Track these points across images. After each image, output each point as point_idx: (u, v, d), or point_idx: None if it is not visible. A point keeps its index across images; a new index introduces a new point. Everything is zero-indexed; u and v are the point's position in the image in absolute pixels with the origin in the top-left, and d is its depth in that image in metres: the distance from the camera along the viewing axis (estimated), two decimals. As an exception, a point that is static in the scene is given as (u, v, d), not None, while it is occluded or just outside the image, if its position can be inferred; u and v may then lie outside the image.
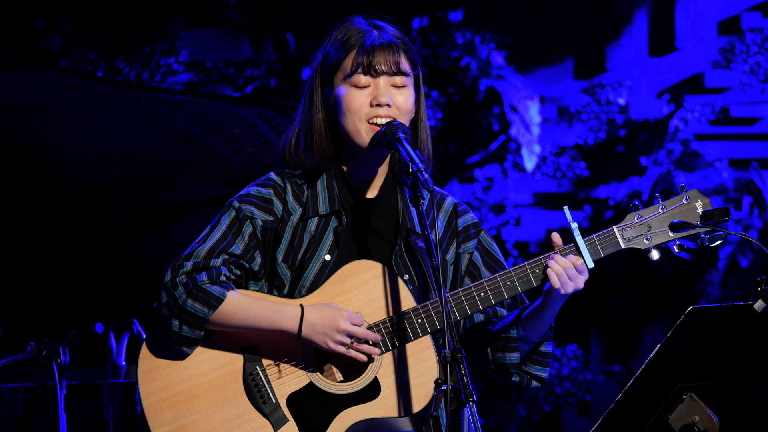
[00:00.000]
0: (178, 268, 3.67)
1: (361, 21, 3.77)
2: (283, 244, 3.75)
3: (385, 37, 3.70)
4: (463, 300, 3.67)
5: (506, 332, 3.77)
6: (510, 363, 3.78)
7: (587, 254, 3.66)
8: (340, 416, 3.64)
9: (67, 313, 6.37)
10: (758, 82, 9.60)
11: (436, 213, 3.79)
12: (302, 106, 3.79)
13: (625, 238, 3.70)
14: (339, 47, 3.71)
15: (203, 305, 3.62)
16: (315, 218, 3.76)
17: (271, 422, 3.65)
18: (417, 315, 3.66)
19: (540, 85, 9.68)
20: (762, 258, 9.46)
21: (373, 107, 3.67)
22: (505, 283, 3.68)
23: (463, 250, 3.85)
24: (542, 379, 3.82)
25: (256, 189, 3.79)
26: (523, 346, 3.77)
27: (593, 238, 3.70)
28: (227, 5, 9.31)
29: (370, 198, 3.80)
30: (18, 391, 5.25)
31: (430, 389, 3.61)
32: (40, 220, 6.37)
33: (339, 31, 3.75)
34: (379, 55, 3.67)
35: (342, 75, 3.70)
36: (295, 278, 3.74)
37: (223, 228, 3.73)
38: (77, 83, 6.02)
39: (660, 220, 3.71)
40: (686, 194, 3.72)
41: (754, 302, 3.44)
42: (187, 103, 6.29)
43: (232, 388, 3.69)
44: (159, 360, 3.71)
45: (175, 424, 3.67)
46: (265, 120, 6.31)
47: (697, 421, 3.45)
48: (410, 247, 3.76)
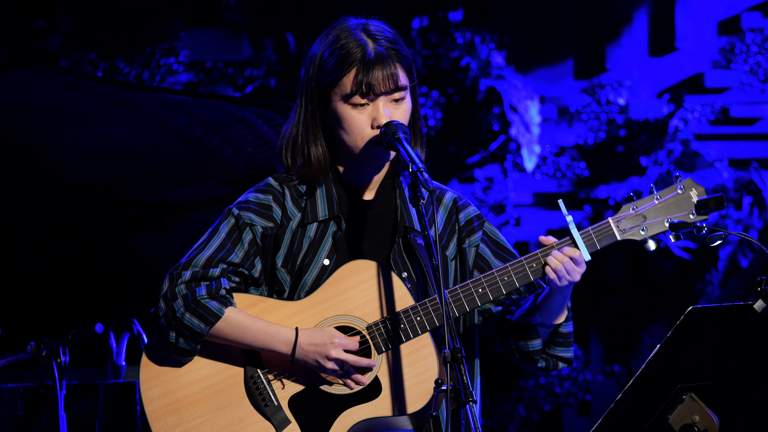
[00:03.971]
0: (177, 277, 3.67)
1: (355, 27, 3.74)
2: (282, 249, 3.75)
3: (381, 52, 3.68)
4: (461, 297, 3.67)
5: (525, 320, 3.77)
6: (533, 350, 3.79)
7: (583, 247, 3.66)
8: (341, 416, 3.65)
9: (67, 313, 6.37)
10: (758, 82, 9.60)
11: (435, 209, 3.80)
12: (298, 112, 3.78)
13: (620, 230, 3.69)
14: (336, 64, 3.69)
15: (200, 321, 3.63)
16: (314, 223, 3.76)
17: (273, 424, 3.65)
18: (416, 313, 3.66)
19: (540, 85, 9.68)
20: (762, 258, 9.46)
21: (373, 129, 3.68)
22: (503, 278, 3.68)
23: (468, 245, 3.85)
24: (568, 360, 3.83)
25: (254, 195, 3.79)
26: (543, 331, 3.77)
27: (589, 230, 3.69)
28: (227, 5, 9.31)
29: (367, 200, 3.81)
30: (18, 391, 5.25)
31: (431, 387, 3.62)
32: (40, 220, 6.37)
33: (334, 37, 3.74)
34: (377, 72, 3.66)
35: (340, 93, 3.70)
36: (294, 283, 3.75)
37: (222, 236, 3.73)
38: (77, 83, 6.02)
39: (655, 210, 3.70)
40: (681, 183, 3.70)
41: (754, 302, 3.44)
42: (187, 103, 6.28)
43: (234, 391, 3.69)
44: (160, 366, 3.72)
45: (178, 430, 3.68)
46: (265, 120, 6.31)
47: (697, 421, 3.45)
48: (409, 245, 3.76)
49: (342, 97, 3.69)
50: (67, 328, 5.15)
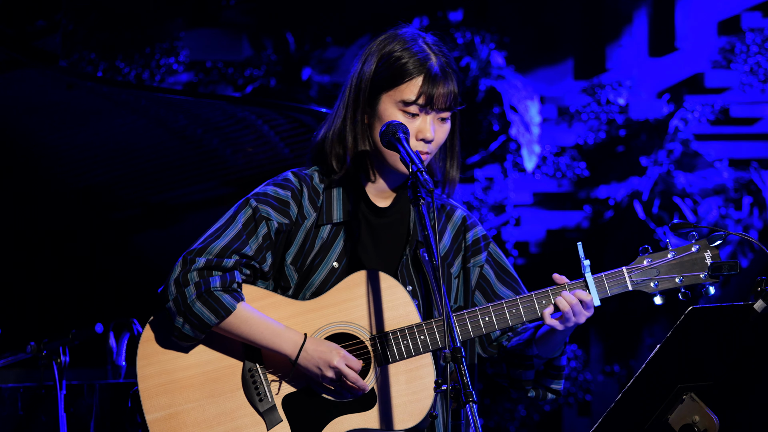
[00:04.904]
0: (190, 263, 3.65)
1: (417, 37, 3.73)
2: (294, 246, 3.75)
3: (445, 69, 3.69)
4: (467, 322, 3.68)
5: (521, 350, 3.80)
6: (526, 380, 3.83)
7: (595, 292, 3.69)
8: (333, 423, 3.65)
9: (67, 313, 6.37)
10: (758, 82, 9.60)
11: (444, 224, 3.82)
12: (346, 110, 3.74)
13: (633, 281, 3.75)
14: (400, 67, 3.67)
15: (211, 312, 3.62)
16: (328, 225, 3.76)
17: (264, 421, 3.65)
18: (420, 332, 3.66)
19: (540, 85, 9.68)
20: (762, 258, 9.46)
21: (417, 140, 3.68)
22: (511, 310, 3.70)
23: (473, 264, 3.86)
24: (557, 391, 3.86)
25: (273, 189, 3.77)
26: (537, 362, 3.80)
27: (602, 276, 3.73)
28: (227, 5, 9.31)
29: (383, 207, 3.80)
30: (18, 391, 5.25)
31: (425, 407, 3.63)
32: (40, 220, 6.37)
33: (396, 42, 3.71)
34: (440, 87, 3.67)
35: (397, 97, 3.67)
36: (300, 281, 3.74)
37: (239, 226, 3.71)
38: (77, 83, 6.02)
39: (669, 266, 3.75)
40: (696, 243, 3.74)
41: (754, 302, 3.45)
42: (187, 103, 6.28)
43: (230, 381, 3.69)
44: (160, 345, 3.71)
45: (168, 411, 3.67)
46: (265, 120, 6.31)
47: (697, 421, 3.46)
48: (417, 260, 3.76)
49: (397, 102, 3.67)
50: (67, 328, 5.14)
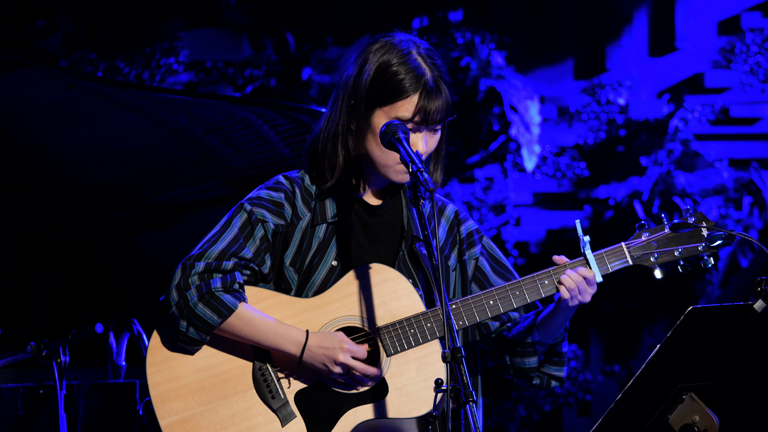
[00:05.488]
0: (190, 267, 3.67)
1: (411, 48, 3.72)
2: (291, 247, 3.77)
3: (437, 82, 3.70)
4: (472, 306, 3.72)
5: (522, 338, 3.85)
6: (529, 367, 3.87)
7: (596, 268, 3.74)
8: (346, 415, 3.67)
9: (67, 313, 6.37)
10: (758, 82, 9.60)
11: (438, 219, 3.84)
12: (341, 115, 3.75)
13: (633, 255, 3.79)
14: (395, 85, 3.67)
15: (214, 312, 3.64)
16: (323, 225, 3.78)
17: (279, 417, 3.67)
18: (426, 319, 3.70)
19: (540, 85, 9.68)
20: (762, 258, 9.46)
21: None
22: (514, 293, 3.74)
23: (468, 257, 3.91)
24: (560, 379, 3.91)
25: (266, 192, 3.80)
26: (539, 349, 3.85)
27: (602, 253, 3.77)
28: (227, 5, 9.31)
29: (376, 205, 3.83)
30: (18, 391, 5.25)
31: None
32: (39, 219, 6.37)
33: (391, 55, 3.70)
34: (435, 103, 3.68)
35: (392, 113, 3.68)
36: (302, 282, 3.77)
37: (235, 230, 3.74)
38: (77, 83, 6.02)
39: (667, 239, 3.79)
40: (692, 216, 3.79)
41: (754, 302, 3.46)
42: (187, 103, 6.28)
43: (241, 382, 3.71)
44: (168, 351, 3.72)
45: (182, 415, 3.68)
46: (265, 120, 6.31)
47: (697, 421, 3.46)
48: (414, 254, 3.80)
49: (392, 118, 3.68)
50: (67, 328, 5.14)
